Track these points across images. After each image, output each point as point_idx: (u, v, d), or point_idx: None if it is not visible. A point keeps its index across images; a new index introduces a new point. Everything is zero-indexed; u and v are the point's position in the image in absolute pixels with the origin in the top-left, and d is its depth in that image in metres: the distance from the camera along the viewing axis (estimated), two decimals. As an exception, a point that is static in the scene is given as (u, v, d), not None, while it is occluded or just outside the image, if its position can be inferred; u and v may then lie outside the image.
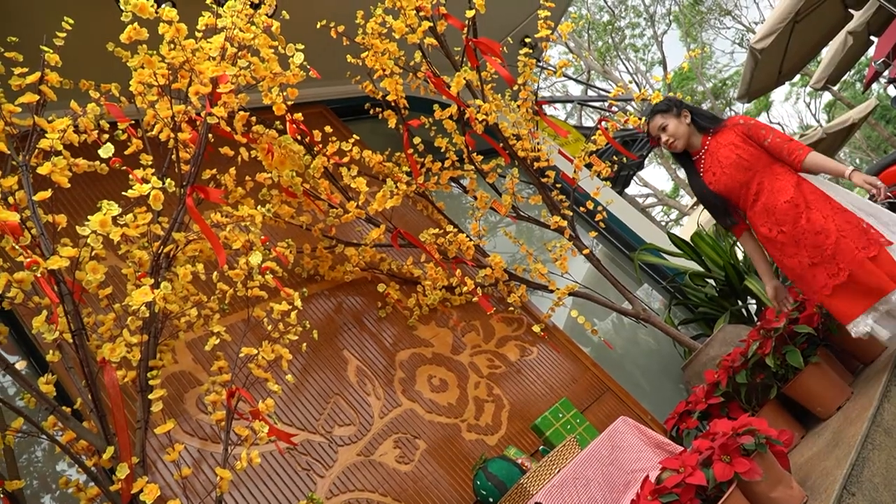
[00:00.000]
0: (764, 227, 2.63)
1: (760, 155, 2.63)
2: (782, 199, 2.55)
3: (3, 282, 1.67)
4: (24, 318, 2.58)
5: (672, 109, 2.81)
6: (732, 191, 2.70)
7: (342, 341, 3.19)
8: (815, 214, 2.50)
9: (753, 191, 2.65)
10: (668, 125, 2.78)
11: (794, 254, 2.56)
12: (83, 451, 1.89)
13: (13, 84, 2.13)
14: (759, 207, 2.63)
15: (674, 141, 2.78)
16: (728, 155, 2.68)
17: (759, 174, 2.63)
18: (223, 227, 2.30)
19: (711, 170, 2.75)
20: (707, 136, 2.77)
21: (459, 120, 3.66)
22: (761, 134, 2.63)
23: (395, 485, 2.68)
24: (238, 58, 2.39)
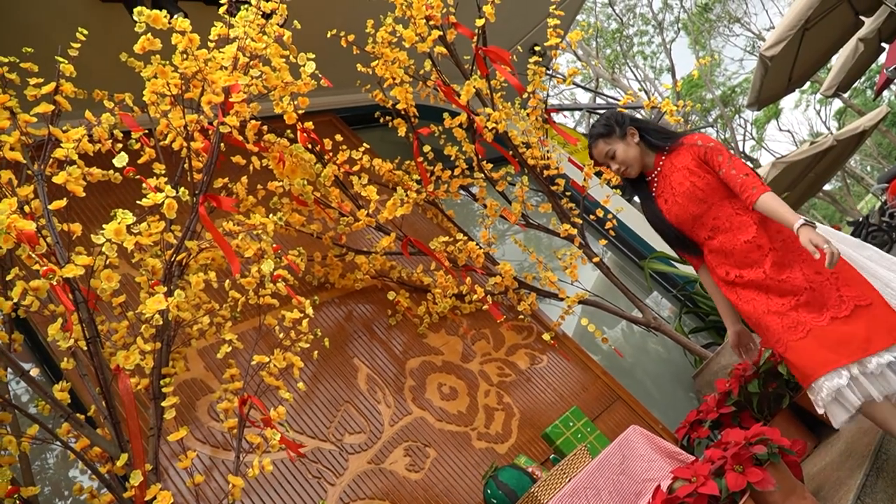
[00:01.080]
0: (720, 268, 2.31)
1: (718, 185, 2.26)
2: (742, 239, 2.22)
3: (19, 290, 1.68)
4: (38, 326, 2.60)
5: (615, 131, 2.39)
6: (685, 223, 2.35)
7: (352, 349, 3.20)
8: (781, 258, 2.18)
9: (709, 226, 2.29)
10: (615, 151, 2.37)
11: (751, 298, 2.22)
12: (97, 458, 1.90)
13: (28, 94, 2.16)
14: (714, 246, 2.29)
15: (626, 169, 2.39)
16: (681, 181, 2.29)
17: (715, 207, 2.27)
18: (235, 235, 2.31)
19: (664, 196, 2.37)
20: (661, 154, 2.37)
21: (469, 128, 3.67)
22: (717, 161, 2.24)
23: (405, 493, 2.68)
24: (250, 67, 2.41)
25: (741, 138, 19.70)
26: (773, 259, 2.18)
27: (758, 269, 2.20)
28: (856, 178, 20.52)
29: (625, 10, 20.20)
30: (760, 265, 2.19)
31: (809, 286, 2.11)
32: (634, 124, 2.40)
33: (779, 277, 2.16)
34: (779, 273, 2.17)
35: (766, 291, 2.19)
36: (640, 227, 5.21)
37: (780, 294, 2.16)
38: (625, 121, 2.40)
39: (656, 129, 2.42)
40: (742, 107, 19.84)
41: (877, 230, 7.37)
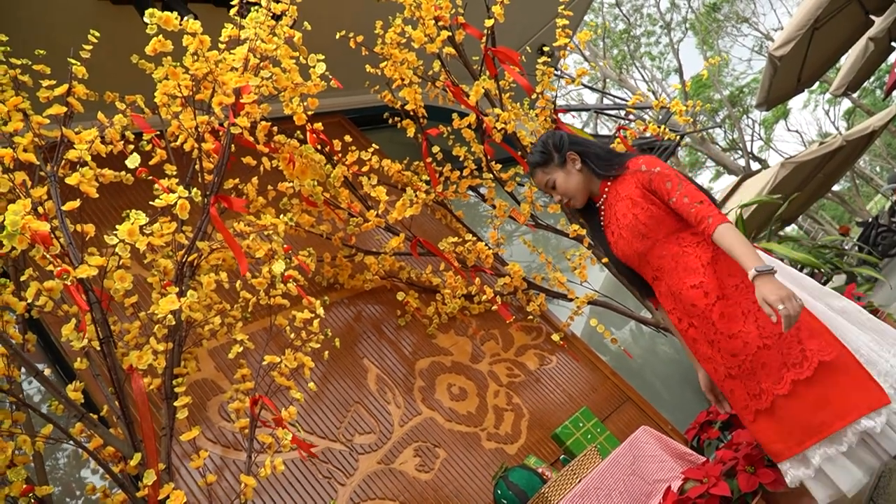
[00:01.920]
0: (672, 315, 2.04)
1: (664, 218, 1.97)
2: (688, 283, 1.93)
3: (33, 290, 1.69)
4: (50, 327, 2.61)
5: (553, 158, 2.11)
6: (631, 260, 2.09)
7: (362, 350, 3.20)
8: (732, 309, 1.86)
9: (654, 266, 2.02)
10: (554, 181, 2.12)
11: (708, 357, 1.95)
12: (110, 458, 1.91)
13: (41, 96, 2.17)
14: (661, 289, 2.03)
15: (568, 200, 2.14)
16: (624, 213, 2.02)
17: (659, 244, 1.99)
18: (246, 236, 2.32)
19: (611, 227, 2.11)
20: (606, 181, 2.10)
21: (478, 129, 3.67)
22: (665, 188, 1.93)
23: (415, 493, 2.68)
24: (260, 68, 2.42)
25: (749, 139, 19.62)
26: (722, 309, 1.87)
27: (706, 322, 1.91)
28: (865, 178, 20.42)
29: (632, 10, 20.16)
30: (708, 316, 1.89)
31: (764, 343, 1.81)
32: (575, 148, 2.11)
33: (729, 332, 1.86)
34: (729, 326, 1.86)
35: (719, 350, 1.89)
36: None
37: (733, 353, 1.87)
38: (563, 145, 2.11)
39: (598, 154, 2.11)
40: (750, 107, 19.79)
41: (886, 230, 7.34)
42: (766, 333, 1.80)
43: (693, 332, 1.97)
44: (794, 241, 6.74)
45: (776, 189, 6.18)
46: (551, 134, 2.17)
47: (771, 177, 6.40)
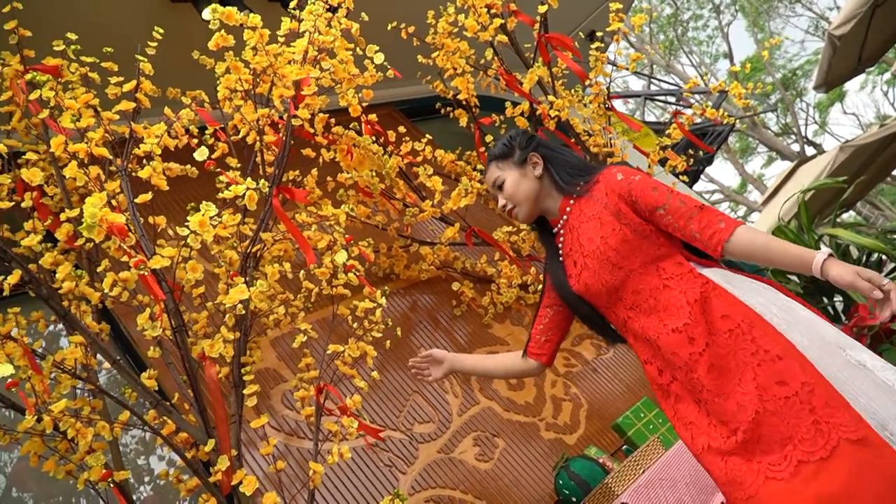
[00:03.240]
0: (650, 366, 1.61)
1: (640, 243, 1.57)
2: (670, 325, 1.51)
3: (109, 281, 1.74)
4: (120, 317, 2.69)
5: (513, 154, 1.77)
6: (598, 297, 1.66)
7: (418, 339, 3.22)
8: (725, 361, 1.45)
9: (628, 303, 1.60)
10: (504, 180, 1.77)
11: (689, 420, 1.52)
12: (182, 444, 1.96)
13: (109, 93, 2.23)
14: (636, 331, 1.60)
15: (512, 207, 1.77)
16: (590, 237, 1.62)
17: (635, 276, 1.58)
18: (307, 226, 2.34)
19: (572, 256, 1.70)
20: (569, 198, 1.71)
21: (531, 117, 3.64)
22: (651, 198, 1.55)
23: (475, 483, 2.69)
24: (318, 61, 2.44)
25: (803, 122, 19.05)
26: (711, 360, 1.45)
27: (690, 375, 1.49)
28: (927, 161, 19.62)
29: (679, -6, 19.73)
30: (693, 369, 1.48)
31: (764, 408, 1.37)
32: (542, 151, 1.76)
33: (719, 391, 1.44)
34: (720, 384, 1.45)
35: (707, 410, 1.49)
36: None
37: (721, 419, 1.44)
38: (530, 144, 1.77)
39: (569, 162, 1.75)
40: (804, 90, 19.20)
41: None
42: (770, 396, 1.37)
43: (676, 388, 1.56)
44: (858, 226, 6.53)
45: (835, 173, 5.99)
46: (522, 131, 1.86)
47: (829, 161, 6.20)
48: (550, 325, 1.86)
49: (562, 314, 1.86)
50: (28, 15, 2.22)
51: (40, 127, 2.33)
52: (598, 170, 1.70)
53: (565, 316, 1.86)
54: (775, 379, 1.38)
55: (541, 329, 1.88)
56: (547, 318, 1.87)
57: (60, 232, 1.99)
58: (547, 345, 1.88)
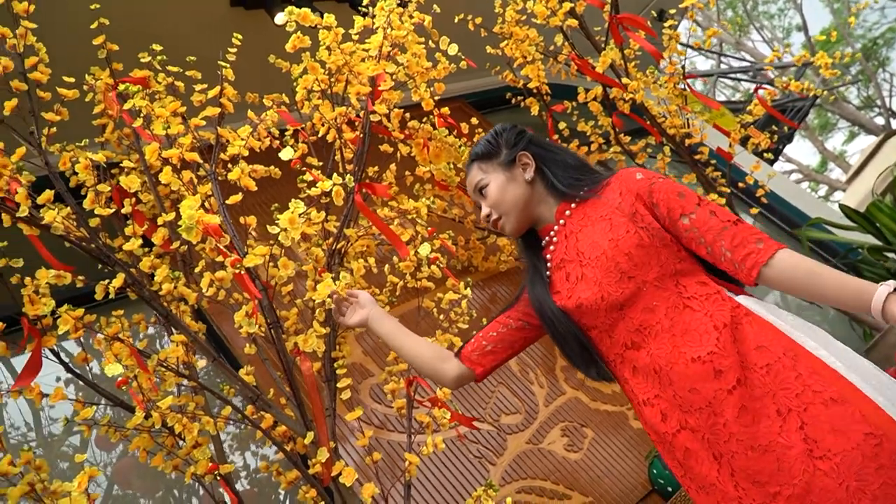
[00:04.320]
0: (652, 408, 1.30)
1: (658, 250, 1.31)
2: (689, 354, 1.23)
3: (206, 281, 1.80)
4: (213, 318, 2.78)
5: (498, 153, 1.54)
6: (593, 315, 1.37)
7: (500, 331, 3.21)
8: (761, 403, 1.16)
9: (635, 323, 1.32)
10: (487, 184, 1.53)
11: (710, 483, 1.22)
12: (280, 438, 2.00)
13: (194, 100, 2.31)
14: (641, 362, 1.30)
15: (498, 217, 1.53)
16: (597, 241, 1.35)
17: (648, 291, 1.30)
18: (390, 221, 2.36)
19: (565, 269, 1.43)
20: (569, 202, 1.46)
21: (605, 101, 3.57)
22: (676, 202, 1.31)
23: (566, 473, 2.66)
24: (392, 56, 2.45)
25: (887, 94, 18.07)
26: (742, 401, 1.17)
27: (714, 419, 1.19)
28: None
29: (747, -33, 19.04)
30: (719, 411, 1.18)
31: (815, 466, 1.08)
32: (533, 150, 1.52)
33: (753, 442, 1.15)
34: (753, 432, 1.15)
35: (731, 468, 1.18)
36: (792, 194, 4.89)
37: (756, 479, 1.15)
38: (519, 142, 1.53)
39: (567, 163, 1.50)
40: (886, 59, 18.21)
41: None
42: (823, 448, 1.08)
43: (686, 439, 1.23)
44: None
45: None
46: (510, 126, 1.61)
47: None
48: (505, 338, 1.58)
49: (523, 333, 1.57)
50: (113, 30, 2.31)
51: (132, 137, 2.43)
52: (606, 174, 1.47)
53: (527, 336, 1.58)
54: (831, 425, 1.08)
55: (492, 337, 1.58)
56: (505, 330, 1.58)
57: (157, 236, 2.08)
58: (489, 357, 1.58)
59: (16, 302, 1.87)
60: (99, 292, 1.85)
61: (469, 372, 1.59)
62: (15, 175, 1.86)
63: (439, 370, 1.60)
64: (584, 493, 2.60)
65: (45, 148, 2.05)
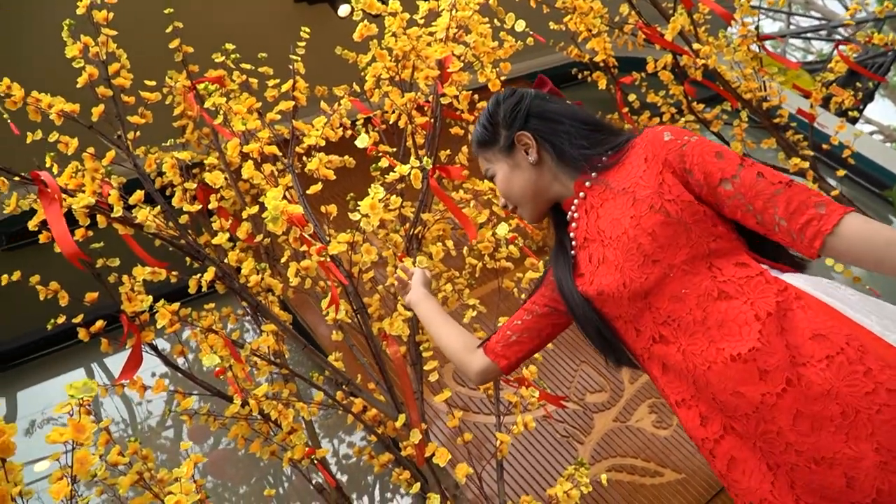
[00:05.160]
0: (688, 409, 1.13)
1: (689, 231, 1.11)
2: (729, 351, 1.04)
3: (293, 270, 1.83)
4: (296, 308, 2.84)
5: (497, 138, 1.36)
6: (616, 304, 1.19)
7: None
8: (821, 406, 0.96)
9: (662, 314, 1.13)
10: (494, 174, 1.40)
11: (764, 498, 1.03)
12: (371, 422, 2.04)
13: (268, 95, 2.35)
14: (671, 360, 1.13)
15: (513, 208, 1.41)
16: (617, 218, 1.18)
17: (675, 278, 1.12)
18: (465, 203, 2.36)
19: (587, 248, 1.26)
20: (587, 174, 1.27)
21: (675, 69, 3.47)
22: (714, 165, 1.12)
23: (656, 450, 2.61)
24: (458, 38, 2.44)
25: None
26: (798, 405, 0.98)
27: (765, 426, 1.01)
28: None
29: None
30: (769, 418, 1.00)
31: (891, 483, 0.91)
32: (534, 125, 1.31)
33: (815, 453, 0.96)
34: (815, 442, 0.97)
35: (790, 480, 1.00)
36: (879, 154, 4.64)
37: (822, 495, 0.97)
38: (516, 118, 1.33)
39: (579, 130, 1.28)
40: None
41: None
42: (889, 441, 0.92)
43: (731, 446, 1.06)
44: None
45: None
46: (507, 97, 1.39)
47: None
48: (531, 326, 1.40)
49: (551, 320, 1.39)
50: (184, 32, 2.38)
51: (210, 136, 2.50)
52: (627, 134, 1.27)
53: (555, 323, 1.40)
54: None
55: (517, 326, 1.41)
56: (530, 318, 1.40)
57: (241, 230, 2.13)
58: (514, 348, 1.41)
59: (114, 300, 1.96)
60: (192, 286, 1.91)
61: (493, 365, 1.42)
62: (106, 178, 1.94)
63: (465, 361, 1.46)
64: (677, 470, 2.55)
65: (132, 151, 2.12)
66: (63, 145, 1.94)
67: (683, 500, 2.46)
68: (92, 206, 1.79)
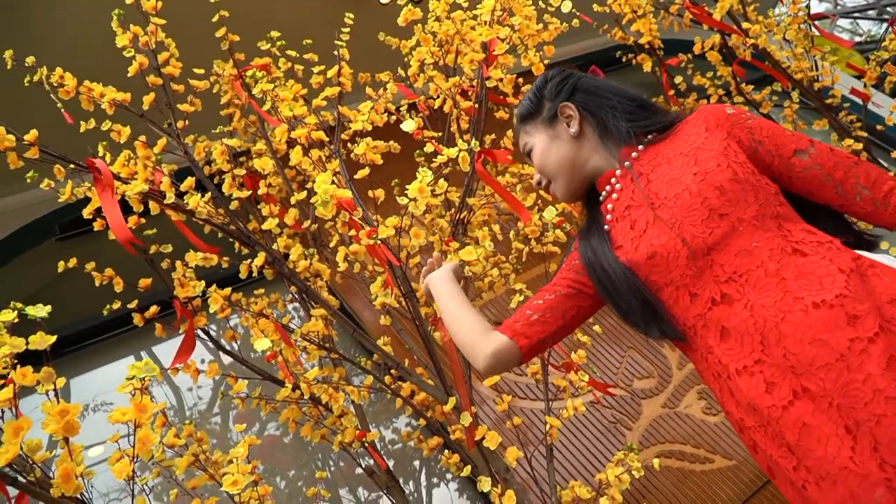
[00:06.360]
0: (751, 376, 1.01)
1: (757, 189, 1.09)
2: (811, 298, 0.98)
3: (342, 255, 1.84)
4: (341, 294, 2.85)
5: (541, 109, 1.36)
6: (670, 265, 1.12)
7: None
8: None
9: (724, 271, 1.07)
10: (532, 147, 1.38)
11: (842, 467, 0.91)
12: (419, 406, 2.04)
13: (313, 82, 2.36)
14: (734, 322, 1.03)
15: (546, 183, 1.38)
16: (675, 178, 1.14)
17: (744, 232, 1.07)
18: (512, 187, 2.34)
19: (629, 216, 1.20)
20: (632, 146, 1.25)
21: (723, 50, 3.39)
22: (787, 140, 1.15)
23: (706, 437, 2.57)
24: (502, 21, 2.42)
25: None
26: (890, 350, 0.92)
27: (849, 376, 0.92)
28: None
29: None
30: (856, 365, 0.92)
31: None
32: (580, 98, 1.31)
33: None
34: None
35: (873, 441, 0.90)
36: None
37: None
38: (561, 91, 1.33)
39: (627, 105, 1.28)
40: None
41: None
42: None
43: (802, 411, 0.96)
44: None
45: None
46: (556, 73, 1.39)
47: None
48: (554, 305, 1.28)
49: (576, 301, 1.27)
50: (232, 21, 2.40)
51: (257, 124, 2.52)
52: (675, 114, 1.27)
53: (580, 305, 1.28)
54: None
55: (538, 306, 1.28)
56: (553, 297, 1.29)
57: (289, 217, 2.14)
58: (537, 327, 1.26)
59: (167, 286, 1.99)
60: (243, 271, 1.93)
61: (510, 344, 1.25)
62: (157, 166, 1.97)
63: (477, 343, 1.28)
64: (727, 456, 2.51)
65: (182, 139, 2.15)
66: (116, 134, 1.97)
67: (734, 486, 2.42)
68: (144, 194, 1.81)
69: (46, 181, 1.93)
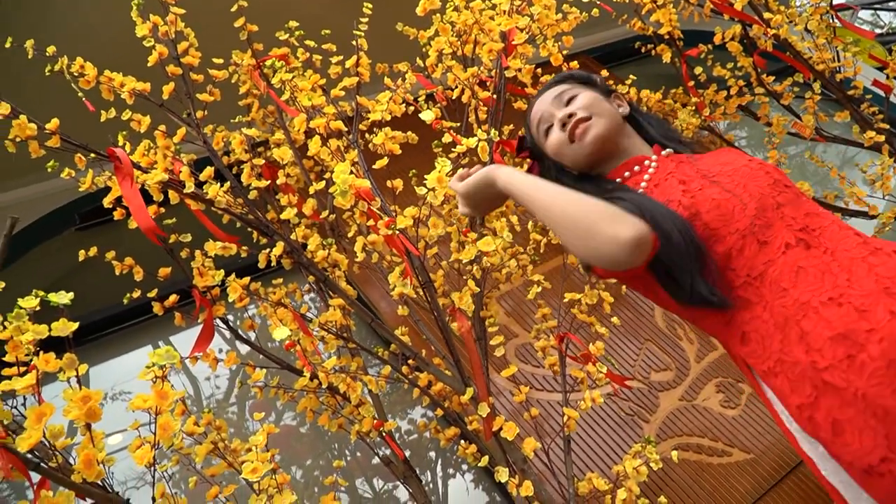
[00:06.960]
0: (836, 308, 0.98)
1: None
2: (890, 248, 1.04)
3: (360, 245, 1.84)
4: (358, 285, 2.86)
5: (595, 84, 1.50)
6: (734, 222, 1.11)
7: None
8: None
9: (797, 225, 1.11)
10: (577, 94, 1.41)
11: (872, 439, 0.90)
12: (437, 396, 2.04)
13: (331, 73, 2.35)
14: (811, 262, 1.05)
15: (588, 122, 1.35)
16: (728, 162, 1.23)
17: (811, 203, 1.17)
18: (530, 178, 2.33)
19: (676, 175, 1.22)
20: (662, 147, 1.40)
21: (744, 40, 3.35)
22: None
23: (724, 430, 2.55)
24: (521, 10, 2.40)
25: None
26: None
27: None
28: None
29: None
30: None
31: None
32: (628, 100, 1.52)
33: None
34: None
35: None
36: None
37: None
38: (610, 88, 1.54)
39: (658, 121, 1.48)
40: None
41: None
42: None
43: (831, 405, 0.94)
44: None
45: None
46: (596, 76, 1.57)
47: None
48: None
49: None
50: (250, 11, 2.39)
51: (275, 114, 2.52)
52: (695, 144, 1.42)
53: None
54: None
55: None
56: None
57: (307, 207, 2.15)
58: None
59: (186, 275, 2.00)
60: (262, 261, 1.94)
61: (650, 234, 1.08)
62: (177, 156, 1.98)
63: (607, 227, 1.06)
64: (745, 449, 2.49)
65: (201, 128, 2.16)
66: (136, 123, 1.98)
67: (752, 479, 2.41)
68: (164, 183, 1.82)
69: (67, 170, 1.94)
